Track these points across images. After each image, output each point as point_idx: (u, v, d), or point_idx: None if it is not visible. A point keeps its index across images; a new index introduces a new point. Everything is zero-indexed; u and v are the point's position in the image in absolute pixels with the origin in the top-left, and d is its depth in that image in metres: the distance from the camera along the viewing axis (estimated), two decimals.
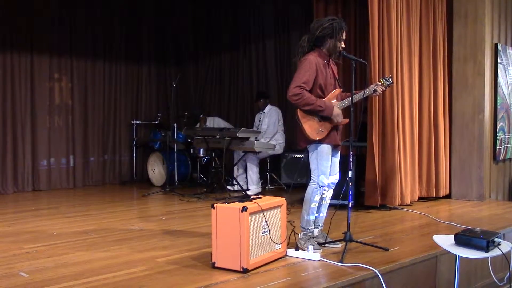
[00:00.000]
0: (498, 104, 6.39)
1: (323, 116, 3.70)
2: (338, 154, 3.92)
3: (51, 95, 7.66)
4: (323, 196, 3.84)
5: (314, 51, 3.76)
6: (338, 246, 3.84)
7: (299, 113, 3.72)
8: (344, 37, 3.78)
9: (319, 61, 3.72)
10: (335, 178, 3.90)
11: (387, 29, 5.45)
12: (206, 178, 7.90)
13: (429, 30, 6.04)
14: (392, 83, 3.95)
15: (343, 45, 3.79)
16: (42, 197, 6.96)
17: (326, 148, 3.73)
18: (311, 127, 3.70)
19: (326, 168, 3.74)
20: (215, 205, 3.33)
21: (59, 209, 5.94)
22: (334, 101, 3.78)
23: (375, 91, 3.86)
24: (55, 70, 7.70)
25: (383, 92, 4.20)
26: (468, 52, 6.22)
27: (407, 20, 5.74)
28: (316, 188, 3.74)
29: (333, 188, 3.93)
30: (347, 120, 3.79)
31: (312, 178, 3.77)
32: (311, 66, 3.66)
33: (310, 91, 3.67)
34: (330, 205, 4.01)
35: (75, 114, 7.90)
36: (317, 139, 3.69)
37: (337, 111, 3.70)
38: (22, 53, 7.30)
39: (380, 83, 3.87)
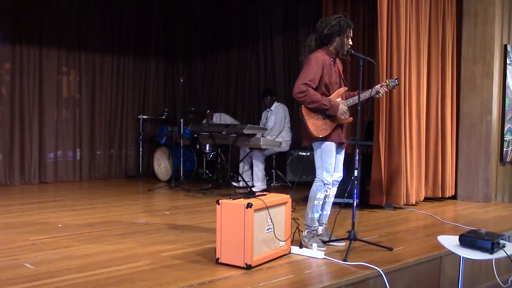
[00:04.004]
0: (506, 105, 6.35)
1: (328, 114, 3.70)
2: (343, 152, 3.92)
3: (59, 88, 7.70)
4: (327, 193, 3.84)
5: (321, 49, 3.76)
6: (342, 244, 3.84)
7: (304, 110, 3.71)
8: (351, 34, 3.77)
9: (325, 59, 3.71)
10: (338, 175, 3.90)
11: (396, 28, 5.42)
12: (211, 174, 7.92)
13: (438, 29, 6.01)
14: (398, 84, 3.93)
15: (350, 43, 3.78)
16: (49, 190, 7.01)
17: (330, 145, 3.73)
18: (314, 124, 3.70)
19: (330, 166, 3.74)
20: (220, 201, 3.34)
21: (65, 201, 5.97)
22: (339, 99, 3.77)
23: (377, 92, 3.79)
24: (63, 63, 7.74)
25: (389, 92, 4.17)
26: (477, 53, 6.18)
27: (416, 19, 5.71)
28: (321, 186, 3.74)
29: (337, 185, 3.93)
30: (351, 119, 3.78)
31: (316, 175, 3.78)
32: (318, 63, 3.65)
33: (316, 89, 3.67)
34: (335, 204, 4.02)
35: (82, 107, 7.95)
36: (321, 136, 3.69)
37: (342, 108, 3.69)
38: (30, 46, 7.34)
39: (385, 83, 3.84)
